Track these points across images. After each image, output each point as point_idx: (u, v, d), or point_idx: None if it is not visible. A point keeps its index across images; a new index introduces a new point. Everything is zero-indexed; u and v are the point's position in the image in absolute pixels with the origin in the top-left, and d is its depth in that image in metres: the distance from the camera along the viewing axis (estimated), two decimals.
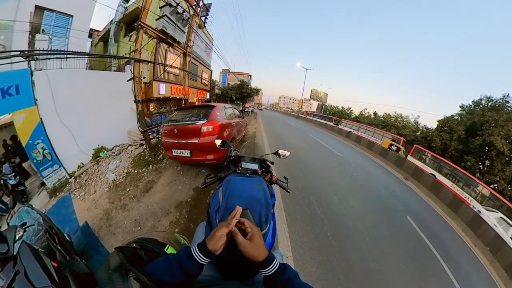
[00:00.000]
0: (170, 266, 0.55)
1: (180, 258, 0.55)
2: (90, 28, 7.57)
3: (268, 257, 0.57)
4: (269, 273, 0.56)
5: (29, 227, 1.54)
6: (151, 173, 4.14)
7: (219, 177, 1.28)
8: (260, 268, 0.57)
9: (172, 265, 0.55)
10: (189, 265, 0.54)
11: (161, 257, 0.60)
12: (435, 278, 2.83)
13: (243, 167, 1.32)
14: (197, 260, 0.55)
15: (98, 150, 5.47)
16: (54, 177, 4.84)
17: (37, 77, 4.54)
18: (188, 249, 0.57)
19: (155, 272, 0.54)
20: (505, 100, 13.21)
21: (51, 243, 1.49)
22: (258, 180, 1.02)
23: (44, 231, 1.61)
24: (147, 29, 4.93)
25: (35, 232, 1.58)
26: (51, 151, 4.84)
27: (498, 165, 11.42)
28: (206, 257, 0.56)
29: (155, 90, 8.28)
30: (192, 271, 0.55)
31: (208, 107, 3.44)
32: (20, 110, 4.34)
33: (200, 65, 13.59)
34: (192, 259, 0.55)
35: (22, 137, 4.47)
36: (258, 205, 0.79)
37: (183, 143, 3.08)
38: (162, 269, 0.55)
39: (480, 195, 8.62)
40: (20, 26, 4.97)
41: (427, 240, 3.63)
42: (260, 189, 0.89)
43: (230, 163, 1.43)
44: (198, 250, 0.56)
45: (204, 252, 0.56)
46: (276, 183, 1.35)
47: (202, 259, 0.56)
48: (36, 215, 1.77)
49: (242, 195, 0.82)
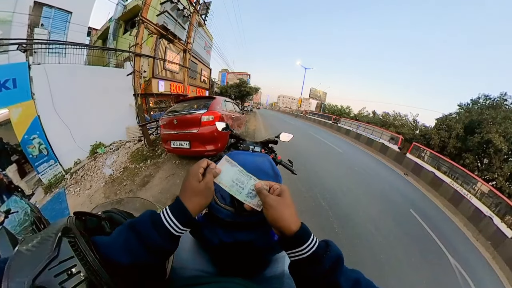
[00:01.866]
0: (126, 237, 0.34)
1: (141, 224, 0.35)
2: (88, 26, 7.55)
3: (303, 227, 0.38)
4: (309, 252, 0.35)
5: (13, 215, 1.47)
6: (149, 167, 4.08)
7: (219, 155, 1.24)
8: (288, 247, 0.37)
9: (128, 234, 0.34)
10: (154, 235, 0.34)
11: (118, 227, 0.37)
12: (442, 269, 2.80)
13: (246, 145, 1.28)
14: (168, 228, 0.35)
15: (96, 147, 5.40)
16: (49, 173, 4.76)
17: (35, 71, 4.50)
18: (154, 212, 0.38)
19: (105, 244, 0.33)
20: (502, 98, 13.34)
21: None
22: (263, 155, 0.97)
23: (31, 222, 1.55)
24: (148, 24, 4.92)
25: (21, 222, 1.51)
26: (48, 146, 4.77)
27: (496, 162, 11.47)
28: (182, 223, 0.36)
29: (154, 87, 8.23)
30: (161, 246, 0.34)
31: (208, 98, 3.41)
32: (16, 104, 4.28)
33: (199, 63, 13.59)
34: (159, 225, 0.35)
35: (18, 132, 4.40)
36: (266, 176, 0.61)
37: (183, 134, 3.04)
38: (115, 240, 0.34)
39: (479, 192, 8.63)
40: (18, 19, 4.92)
41: (432, 233, 3.61)
42: (265, 161, 0.78)
43: (231, 147, 1.39)
44: (169, 212, 0.36)
45: (179, 213, 0.36)
46: (280, 163, 1.30)
47: (177, 228, 0.35)
48: (24, 205, 1.70)
49: (246, 166, 0.69)
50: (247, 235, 0.46)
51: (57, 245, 0.28)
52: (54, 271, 0.26)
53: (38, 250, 0.28)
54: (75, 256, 0.28)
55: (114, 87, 6.01)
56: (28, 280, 0.25)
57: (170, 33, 5.66)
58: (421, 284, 2.42)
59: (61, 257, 0.27)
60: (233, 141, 1.44)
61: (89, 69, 6.24)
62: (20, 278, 0.25)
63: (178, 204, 0.38)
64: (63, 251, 0.28)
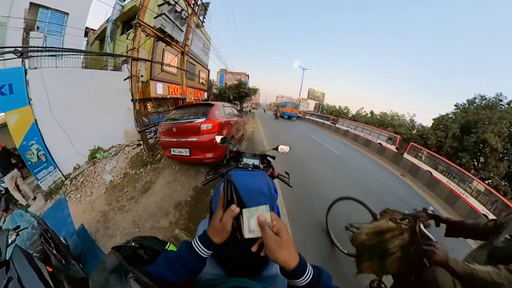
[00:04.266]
0: (171, 264, 0.51)
1: (181, 254, 0.52)
2: (86, 27, 7.46)
3: (301, 262, 0.45)
4: (304, 283, 0.43)
5: (23, 231, 1.48)
6: (149, 173, 4.08)
7: (221, 173, 1.26)
8: (290, 277, 0.45)
9: (173, 262, 0.51)
10: (191, 260, 0.51)
11: (161, 255, 0.55)
12: None
13: (244, 162, 1.31)
14: (199, 253, 0.51)
15: (95, 151, 5.38)
16: (49, 179, 4.74)
17: (31, 76, 4.45)
18: (189, 243, 0.54)
19: (156, 272, 0.49)
20: (498, 98, 13.53)
21: (46, 248, 1.45)
22: (261, 173, 1.01)
23: (39, 235, 1.56)
24: (145, 27, 4.88)
25: (29, 236, 1.53)
26: (46, 152, 4.74)
27: (492, 161, 11.68)
28: (208, 249, 0.52)
29: (152, 89, 8.19)
30: (195, 266, 0.51)
31: (207, 105, 3.41)
32: (13, 110, 4.24)
33: (197, 64, 13.52)
34: (193, 253, 0.51)
35: (16, 138, 4.37)
36: (263, 198, 0.76)
37: (182, 142, 3.05)
38: (163, 267, 0.51)
39: (475, 190, 8.79)
40: (13, 23, 4.85)
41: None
42: (263, 181, 0.86)
43: (230, 160, 1.41)
44: (199, 242, 0.52)
45: (206, 243, 0.52)
46: (278, 178, 1.34)
47: (205, 252, 0.52)
48: (31, 218, 1.71)
49: (246, 188, 0.77)
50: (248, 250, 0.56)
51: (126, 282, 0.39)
52: None
53: None
54: None
55: (112, 90, 5.97)
56: None
57: (167, 35, 5.62)
58: None
59: None
60: (233, 151, 1.46)
61: (86, 72, 6.20)
62: None
63: (205, 236, 0.54)
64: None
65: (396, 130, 18.26)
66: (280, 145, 1.67)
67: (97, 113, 5.76)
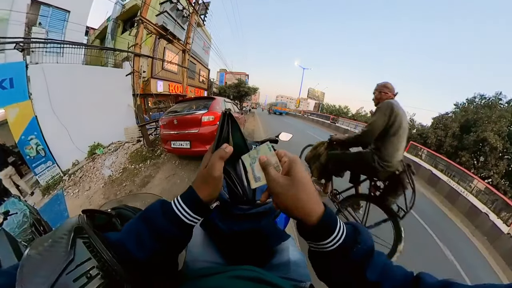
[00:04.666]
0: (137, 231, 0.32)
1: (152, 215, 0.33)
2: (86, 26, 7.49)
3: (327, 212, 0.30)
4: (334, 245, 0.29)
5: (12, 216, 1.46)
6: (149, 168, 4.07)
7: None
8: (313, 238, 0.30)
9: (140, 228, 0.32)
10: (166, 225, 0.32)
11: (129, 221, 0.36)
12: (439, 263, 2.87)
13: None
14: (179, 216, 0.33)
15: (94, 147, 5.36)
16: (47, 174, 4.72)
17: (32, 71, 4.45)
18: (165, 202, 0.35)
19: (119, 241, 0.31)
20: (497, 97, 13.59)
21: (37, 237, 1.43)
22: None
23: (30, 224, 1.53)
24: (147, 24, 4.91)
25: (19, 224, 1.50)
26: (45, 147, 4.73)
27: (492, 160, 11.68)
28: (195, 211, 0.34)
29: (153, 87, 8.20)
30: (172, 234, 0.32)
31: (208, 99, 3.42)
32: (13, 104, 4.24)
33: (198, 63, 13.57)
34: (170, 215, 0.33)
35: (15, 132, 4.35)
36: None
37: (183, 134, 3.05)
38: (127, 235, 0.32)
39: (475, 189, 8.78)
40: (16, 17, 4.86)
41: (429, 229, 3.70)
42: None
43: None
44: (180, 200, 0.34)
45: (190, 201, 0.34)
46: None
47: (189, 216, 0.33)
48: (23, 207, 1.68)
49: None
50: (255, 223, 0.48)
51: (72, 246, 0.26)
52: (73, 275, 0.24)
53: (52, 254, 0.25)
54: (92, 257, 0.26)
55: (112, 87, 5.98)
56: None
57: (169, 33, 5.65)
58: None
59: (78, 260, 0.25)
60: None
61: (87, 68, 6.20)
62: (35, 285, 0.22)
63: (189, 192, 0.35)
64: (79, 253, 0.26)
65: None
66: (282, 132, 1.67)
67: (98, 109, 5.76)
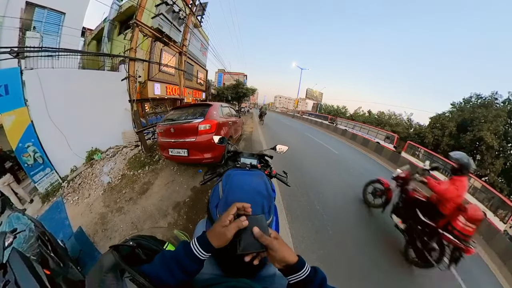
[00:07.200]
0: (167, 264, 0.50)
1: (178, 255, 0.51)
2: (83, 27, 7.40)
3: (300, 260, 0.51)
4: (302, 277, 0.49)
5: (20, 234, 1.47)
6: (147, 174, 4.07)
7: (218, 172, 1.27)
8: (289, 274, 0.51)
9: (169, 263, 0.50)
10: (188, 262, 0.50)
11: (158, 255, 0.54)
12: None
13: (242, 161, 1.31)
14: (197, 255, 0.51)
15: (92, 153, 5.35)
16: (46, 181, 4.70)
17: (27, 76, 4.40)
18: (187, 244, 0.53)
19: (153, 272, 0.50)
20: (493, 97, 13.72)
21: (44, 250, 1.43)
22: (259, 173, 1.01)
23: (36, 238, 1.55)
24: (142, 27, 4.86)
25: (27, 239, 1.52)
26: (43, 154, 4.70)
27: (488, 158, 11.82)
28: (207, 252, 0.51)
29: (150, 90, 8.15)
30: (192, 268, 0.51)
31: (204, 105, 3.41)
32: (9, 112, 4.19)
33: (195, 64, 13.48)
34: (191, 255, 0.51)
35: (12, 140, 4.32)
36: (260, 197, 0.77)
37: (180, 142, 3.04)
38: (159, 268, 0.51)
39: (472, 187, 8.89)
40: (9, 22, 4.79)
41: None
42: (261, 181, 0.87)
43: (228, 160, 1.42)
44: (198, 244, 0.52)
45: (205, 246, 0.51)
46: (275, 177, 1.35)
47: (203, 255, 0.51)
48: (27, 221, 1.70)
49: (243, 188, 0.80)
50: None
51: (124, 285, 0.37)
52: None
53: None
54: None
55: (109, 91, 5.94)
56: None
57: (165, 35, 5.60)
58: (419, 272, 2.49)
59: None
60: (231, 151, 1.47)
61: (83, 73, 6.15)
62: None
63: (204, 239, 0.53)
64: None
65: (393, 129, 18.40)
66: (278, 144, 1.69)
67: (94, 114, 5.73)
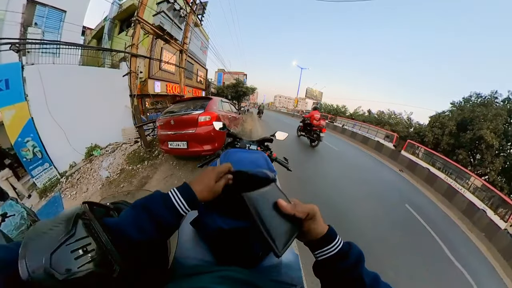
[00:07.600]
0: (137, 215, 0.38)
1: (151, 204, 0.39)
2: (83, 26, 7.44)
3: (330, 229, 0.41)
4: (334, 251, 0.39)
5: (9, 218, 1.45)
6: (146, 169, 4.06)
7: (217, 154, 1.26)
8: (317, 248, 0.40)
9: (139, 213, 0.38)
10: (164, 212, 0.38)
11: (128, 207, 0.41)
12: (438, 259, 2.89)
13: (242, 143, 1.31)
14: (176, 206, 0.39)
15: (91, 149, 5.34)
16: (44, 176, 4.68)
17: (28, 71, 4.41)
18: (164, 194, 0.42)
19: (116, 225, 0.36)
20: (493, 96, 13.73)
21: None
22: (258, 152, 0.99)
23: (27, 226, 1.53)
24: (144, 24, 4.88)
25: (17, 226, 1.50)
26: (42, 149, 4.69)
27: (488, 157, 11.79)
28: (188, 203, 0.40)
29: (150, 88, 8.17)
30: (168, 222, 0.38)
31: (205, 99, 3.42)
32: (9, 106, 4.20)
33: (195, 63, 13.53)
34: (168, 204, 0.39)
35: (11, 135, 4.32)
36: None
37: (180, 134, 3.04)
38: (125, 220, 0.37)
39: (472, 186, 8.87)
40: (11, 17, 4.80)
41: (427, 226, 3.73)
42: (260, 157, 0.82)
43: (228, 145, 1.42)
44: (178, 193, 0.41)
45: (187, 196, 0.41)
46: (276, 160, 1.34)
47: (184, 207, 0.40)
48: (20, 209, 1.68)
49: (242, 161, 0.73)
50: (244, 222, 0.48)
51: (74, 225, 0.31)
52: (71, 247, 0.28)
53: (54, 231, 0.29)
54: (90, 236, 0.30)
55: (109, 88, 5.95)
56: (46, 255, 0.26)
57: (166, 33, 5.62)
58: (419, 274, 2.48)
59: (78, 236, 0.29)
60: (230, 140, 1.47)
61: (84, 69, 6.16)
62: (37, 255, 0.26)
63: (186, 188, 0.43)
64: (79, 230, 0.30)
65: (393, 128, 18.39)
66: (277, 131, 1.68)
67: (94, 110, 5.73)
